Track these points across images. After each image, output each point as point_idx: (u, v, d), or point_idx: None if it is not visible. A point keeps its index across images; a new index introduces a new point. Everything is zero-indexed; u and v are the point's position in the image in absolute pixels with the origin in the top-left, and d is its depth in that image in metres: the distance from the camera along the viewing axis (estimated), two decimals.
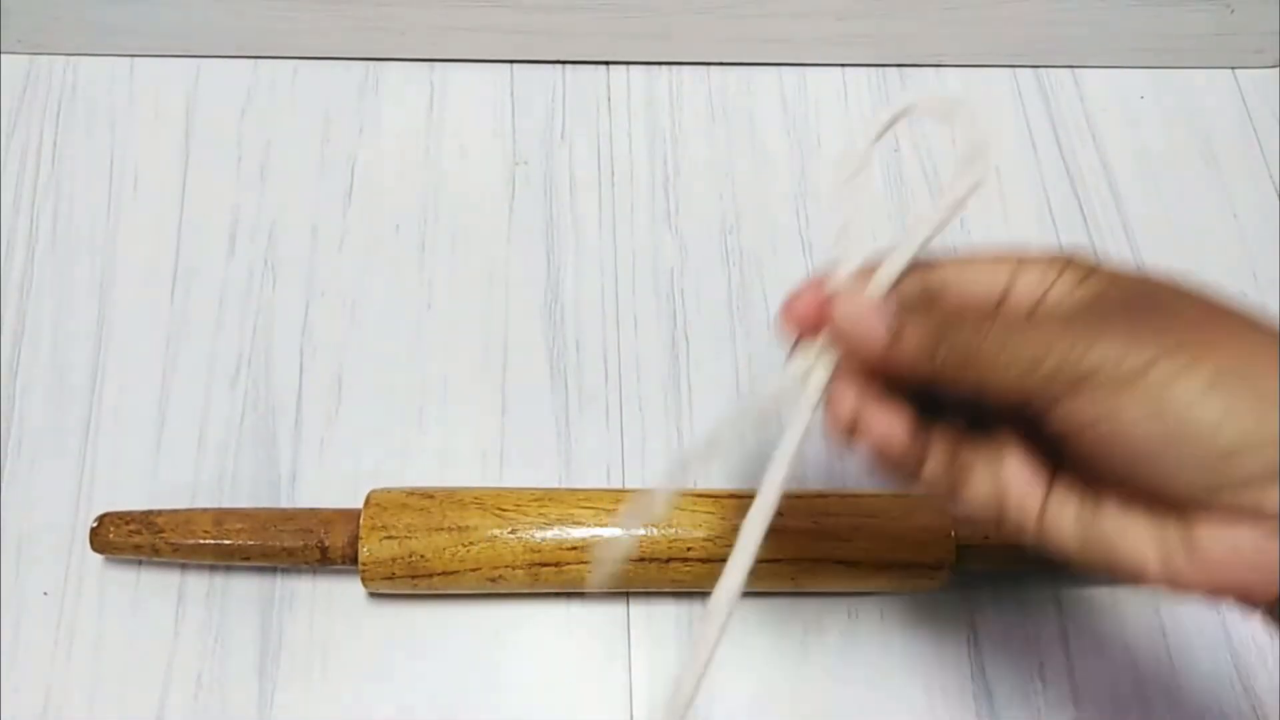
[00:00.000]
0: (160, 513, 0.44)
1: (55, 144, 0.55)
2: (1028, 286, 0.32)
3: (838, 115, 0.58)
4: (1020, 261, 0.33)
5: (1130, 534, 0.30)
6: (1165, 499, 0.29)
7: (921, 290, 0.33)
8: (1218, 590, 0.29)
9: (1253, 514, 0.27)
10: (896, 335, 0.31)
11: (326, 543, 0.43)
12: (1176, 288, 0.30)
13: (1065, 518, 0.31)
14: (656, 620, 0.46)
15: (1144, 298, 0.30)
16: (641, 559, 0.43)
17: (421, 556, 0.42)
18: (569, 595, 0.45)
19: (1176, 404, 0.27)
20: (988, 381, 0.30)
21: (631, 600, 0.46)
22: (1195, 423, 0.27)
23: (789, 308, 0.33)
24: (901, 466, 0.33)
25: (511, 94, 0.58)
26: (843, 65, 0.59)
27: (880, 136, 0.33)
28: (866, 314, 0.31)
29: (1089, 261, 0.32)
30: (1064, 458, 0.32)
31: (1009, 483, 0.32)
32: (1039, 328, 0.29)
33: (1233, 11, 0.57)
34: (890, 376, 0.32)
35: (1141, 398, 0.27)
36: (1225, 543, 0.28)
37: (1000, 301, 0.33)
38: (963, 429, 0.33)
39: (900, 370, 0.31)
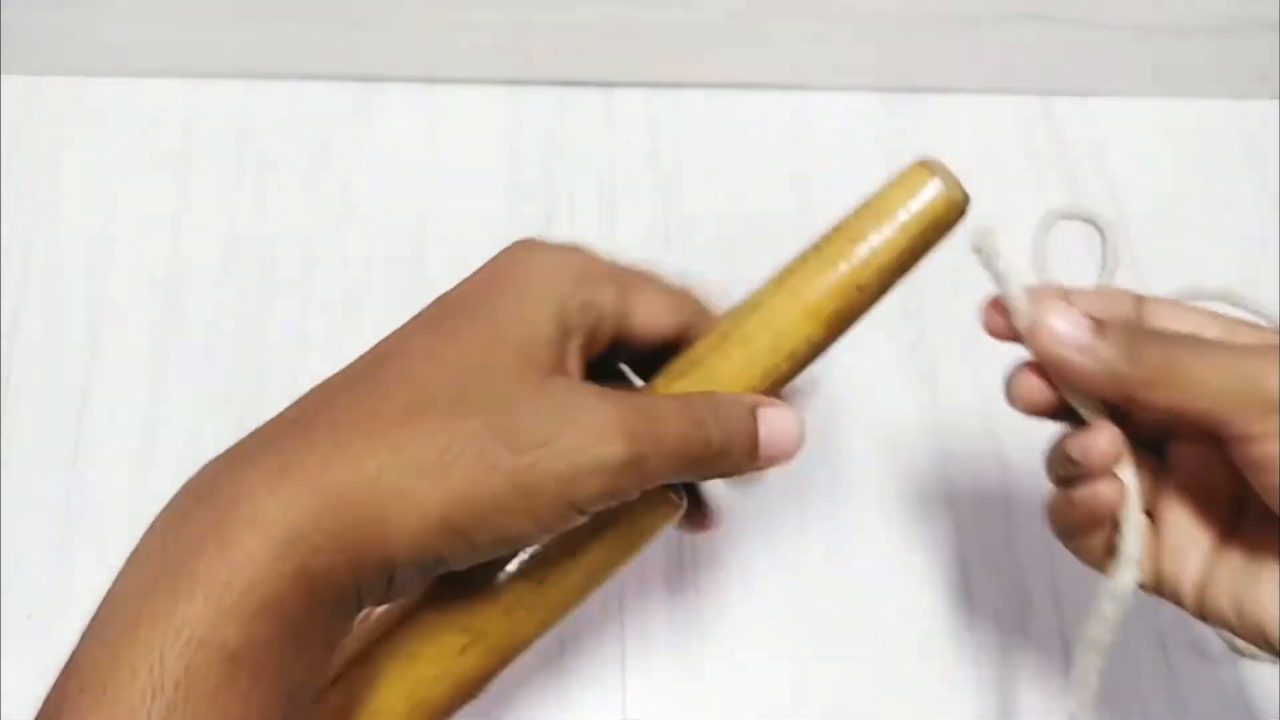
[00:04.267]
0: None
1: (54, 163, 0.54)
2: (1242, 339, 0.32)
3: (843, 141, 0.58)
4: (1236, 324, 0.32)
5: None
6: None
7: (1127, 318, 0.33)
8: None
9: None
10: (1089, 349, 0.30)
11: None
12: None
13: (1224, 586, 0.31)
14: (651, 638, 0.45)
15: None
16: None
17: None
18: None
19: None
20: (1183, 398, 0.29)
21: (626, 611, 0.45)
22: None
23: (990, 321, 0.33)
24: (1085, 526, 0.33)
25: (511, 115, 0.57)
26: (849, 90, 0.59)
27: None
28: (1065, 325, 0.31)
29: None
30: (1240, 516, 0.32)
31: (1166, 547, 0.33)
32: (1244, 352, 0.29)
33: (1239, 41, 0.57)
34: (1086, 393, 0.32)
35: None
36: None
37: None
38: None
39: (1095, 384, 0.31)
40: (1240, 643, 0.45)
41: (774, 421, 0.31)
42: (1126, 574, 0.32)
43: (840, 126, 0.58)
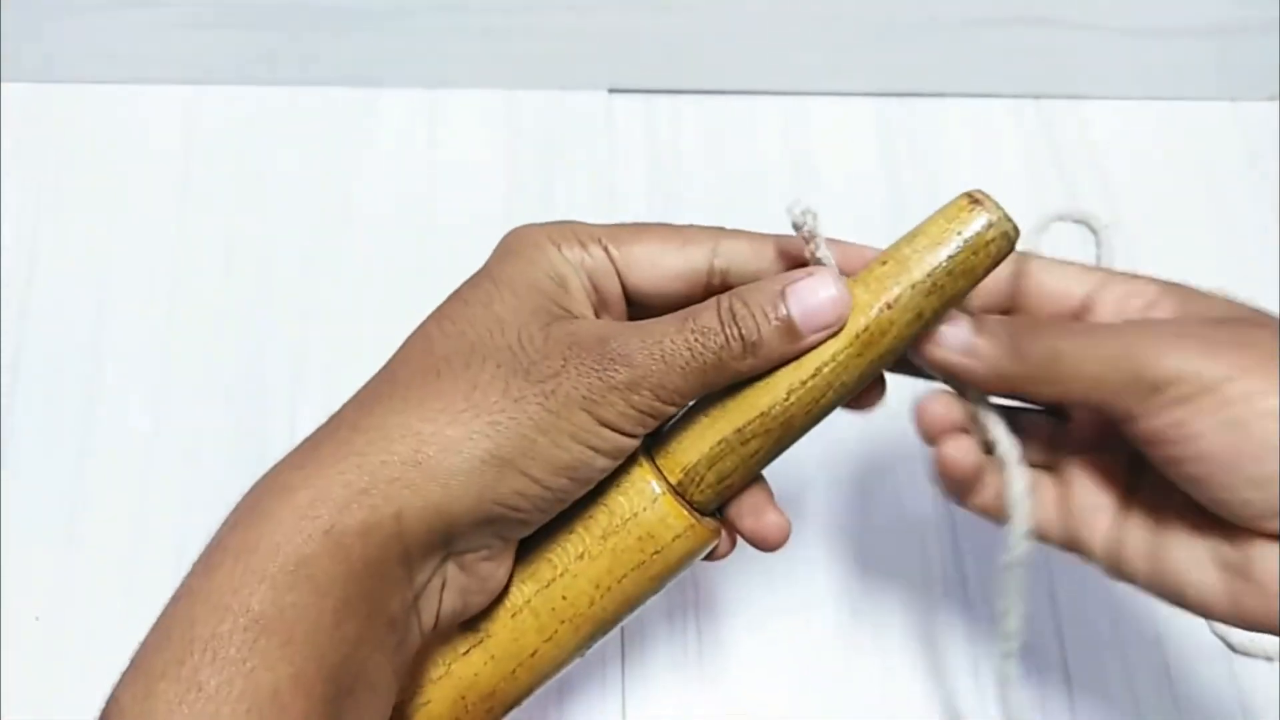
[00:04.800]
0: None
1: (56, 170, 0.55)
2: (1114, 298, 0.33)
3: (839, 145, 0.58)
4: (1110, 274, 0.33)
5: (1196, 564, 0.30)
6: (1228, 520, 0.29)
7: (1008, 282, 0.33)
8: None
9: None
10: (972, 349, 0.30)
11: None
12: (1257, 317, 0.31)
13: (1136, 547, 0.32)
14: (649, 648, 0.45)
15: (1227, 322, 0.30)
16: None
17: None
18: None
19: (1251, 418, 0.27)
20: (1068, 389, 0.30)
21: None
22: (1268, 438, 0.27)
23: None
24: (960, 488, 0.33)
25: (509, 120, 0.57)
26: (844, 95, 0.59)
27: None
28: (945, 327, 0.31)
29: (1187, 289, 0.33)
30: (1140, 479, 0.32)
31: (1074, 508, 0.33)
32: (1119, 335, 0.30)
33: (1236, 43, 0.57)
34: (975, 389, 0.32)
35: (1217, 409, 0.28)
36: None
37: (1081, 308, 0.33)
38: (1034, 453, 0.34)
39: (981, 383, 0.31)
40: (1240, 642, 0.45)
41: (805, 294, 0.30)
42: (1020, 511, 0.32)
43: (836, 131, 0.58)
